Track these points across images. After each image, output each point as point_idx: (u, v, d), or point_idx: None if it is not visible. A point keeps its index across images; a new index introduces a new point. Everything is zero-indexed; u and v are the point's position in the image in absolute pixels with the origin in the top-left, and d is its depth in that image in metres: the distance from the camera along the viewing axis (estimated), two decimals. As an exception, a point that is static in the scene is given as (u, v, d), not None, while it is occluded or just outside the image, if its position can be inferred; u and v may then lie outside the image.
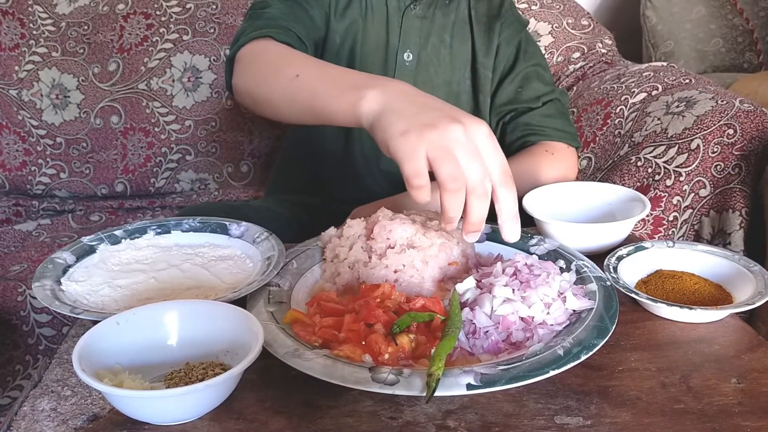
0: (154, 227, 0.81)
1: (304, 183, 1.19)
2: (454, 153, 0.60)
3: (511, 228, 0.64)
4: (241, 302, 0.64)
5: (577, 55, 1.60)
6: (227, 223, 0.81)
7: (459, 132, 0.61)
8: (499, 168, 0.62)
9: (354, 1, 1.10)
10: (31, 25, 1.49)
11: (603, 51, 1.62)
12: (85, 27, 1.51)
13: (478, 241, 0.81)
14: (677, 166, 1.10)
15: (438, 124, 0.61)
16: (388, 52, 1.11)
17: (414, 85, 1.15)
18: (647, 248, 0.76)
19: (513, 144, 1.11)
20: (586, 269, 0.71)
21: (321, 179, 1.17)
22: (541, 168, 1.03)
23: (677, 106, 1.18)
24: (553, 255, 0.75)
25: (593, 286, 0.68)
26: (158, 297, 0.68)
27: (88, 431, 0.53)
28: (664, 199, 1.10)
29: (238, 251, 0.78)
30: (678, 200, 1.09)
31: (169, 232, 0.81)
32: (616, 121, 1.30)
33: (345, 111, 0.69)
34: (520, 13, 1.21)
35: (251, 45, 0.90)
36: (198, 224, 0.82)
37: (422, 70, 1.11)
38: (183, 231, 0.81)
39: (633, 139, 1.22)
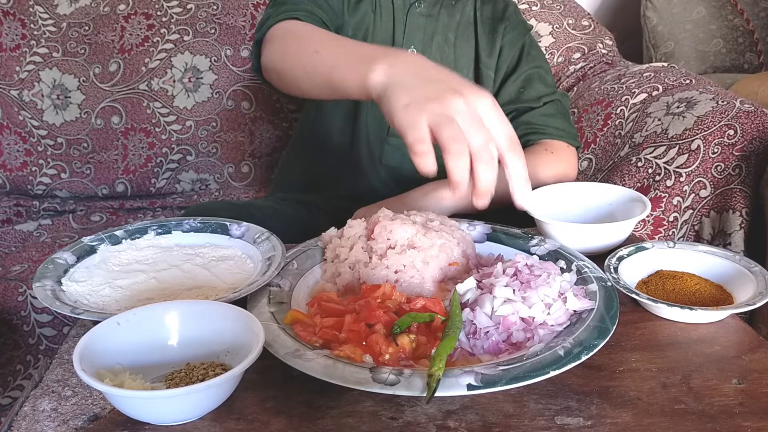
0: (155, 227, 0.81)
1: (308, 179, 1.20)
2: (455, 119, 0.61)
3: (521, 192, 0.65)
4: (242, 302, 0.64)
5: (577, 55, 1.60)
6: (228, 223, 0.81)
7: (459, 102, 0.62)
8: (505, 135, 0.64)
9: (365, 1, 1.12)
10: (32, 25, 1.49)
11: (603, 51, 1.62)
12: (86, 27, 1.51)
13: (478, 242, 0.81)
14: (678, 167, 1.10)
15: (439, 96, 0.63)
16: (394, 48, 1.12)
17: None
18: (648, 249, 0.76)
19: None
20: (586, 270, 0.71)
21: (325, 174, 1.18)
22: (540, 166, 1.03)
23: (678, 107, 1.18)
24: (554, 255, 0.75)
25: (594, 287, 0.68)
26: (159, 297, 0.68)
27: (88, 431, 0.53)
28: (664, 200, 1.10)
29: (239, 251, 0.78)
30: (678, 201, 1.09)
31: (169, 232, 0.81)
32: (617, 122, 1.30)
33: (357, 83, 0.71)
34: (524, 18, 1.22)
35: (279, 25, 0.92)
36: (199, 224, 0.82)
37: None
38: (184, 231, 0.81)
39: (633, 140, 1.22)
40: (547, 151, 1.07)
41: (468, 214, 0.96)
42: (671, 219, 1.09)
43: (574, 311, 0.65)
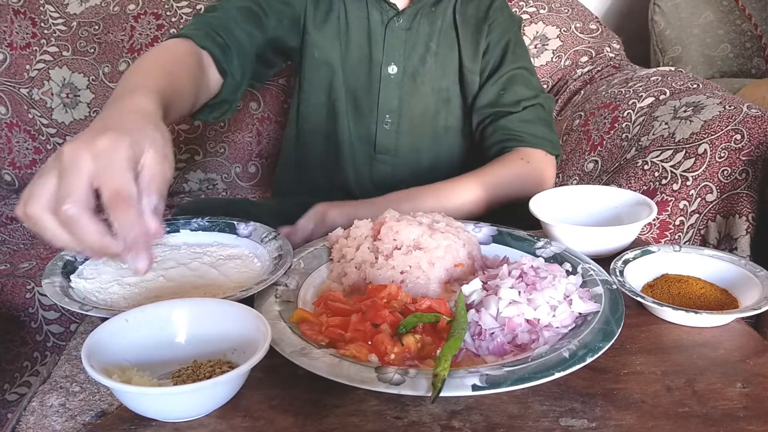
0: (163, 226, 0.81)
1: (303, 188, 1.19)
2: (44, 177, 0.53)
3: (139, 262, 0.53)
4: (248, 301, 0.64)
5: (585, 59, 1.60)
6: (235, 222, 0.82)
7: (52, 161, 0.54)
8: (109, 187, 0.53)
9: (332, 15, 1.09)
10: (42, 24, 1.50)
11: (611, 55, 1.62)
12: (96, 27, 1.52)
13: (483, 243, 0.81)
14: (684, 171, 1.10)
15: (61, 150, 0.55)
16: (372, 66, 1.10)
17: (400, 97, 1.11)
18: (653, 252, 0.76)
19: (491, 149, 1.09)
20: (592, 272, 0.71)
21: (316, 189, 1.16)
22: (513, 177, 1.01)
23: (685, 111, 1.18)
24: (560, 258, 0.76)
25: (599, 290, 0.68)
26: (167, 295, 0.69)
27: (96, 427, 0.54)
28: (670, 204, 1.10)
29: (246, 250, 0.79)
30: (685, 205, 1.09)
31: (178, 231, 0.81)
32: (624, 125, 1.30)
33: None
34: (514, 12, 1.18)
35: (165, 43, 0.88)
36: (207, 223, 0.82)
37: (408, 81, 1.10)
38: (192, 230, 0.82)
39: (640, 143, 1.22)
40: (522, 161, 1.04)
41: (473, 216, 0.97)
42: (677, 223, 1.09)
43: (580, 314, 0.65)
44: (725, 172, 1.07)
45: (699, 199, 1.08)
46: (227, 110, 0.97)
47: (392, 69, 1.10)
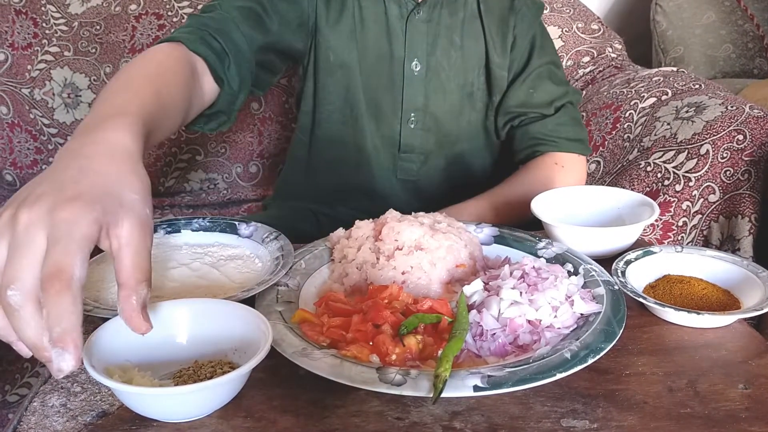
0: (164, 226, 0.81)
1: (312, 192, 1.15)
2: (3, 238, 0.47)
3: (67, 360, 0.46)
4: (249, 301, 0.64)
5: (586, 59, 1.60)
6: (236, 222, 0.82)
7: (22, 214, 0.47)
8: (48, 265, 0.46)
9: (346, 14, 1.03)
10: (44, 24, 1.50)
11: (613, 55, 1.61)
12: (98, 27, 1.52)
13: (485, 244, 0.81)
14: (687, 172, 1.10)
15: (9, 208, 0.49)
16: (394, 64, 1.05)
17: (426, 95, 1.06)
18: (655, 253, 0.76)
19: (521, 152, 1.09)
20: (593, 273, 0.71)
21: (333, 190, 1.13)
22: (552, 183, 1.01)
23: (687, 111, 1.18)
24: (561, 258, 0.76)
25: (601, 290, 0.68)
26: (168, 295, 0.69)
27: (97, 427, 0.54)
28: (673, 204, 1.09)
29: (248, 251, 0.79)
30: (687, 205, 1.09)
31: (179, 231, 0.81)
32: (626, 126, 1.29)
33: None
34: None
35: (154, 48, 0.81)
36: (208, 224, 0.82)
37: (433, 77, 1.06)
38: (193, 230, 0.82)
39: (642, 144, 1.22)
40: (557, 165, 1.04)
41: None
42: (680, 224, 1.09)
43: (581, 314, 0.65)
44: (728, 172, 1.07)
45: (702, 199, 1.08)
46: (225, 122, 0.90)
47: (416, 65, 1.04)
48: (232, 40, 0.88)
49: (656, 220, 1.09)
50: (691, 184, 1.09)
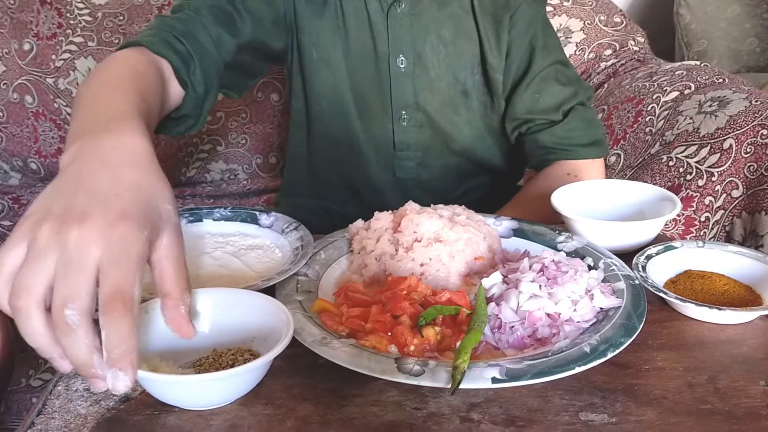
0: (186, 215, 0.82)
1: (316, 190, 1.14)
2: (46, 257, 0.46)
3: (123, 381, 0.46)
4: (269, 290, 0.65)
5: (608, 52, 1.59)
6: (257, 213, 0.83)
7: (69, 233, 0.46)
8: (108, 288, 0.46)
9: (327, 9, 0.99)
10: (68, 14, 1.52)
11: (635, 49, 1.60)
12: (121, 17, 1.53)
13: (504, 237, 0.81)
14: (709, 166, 1.09)
15: (56, 216, 0.47)
16: (378, 61, 1.00)
17: (415, 92, 1.02)
18: (677, 248, 0.75)
19: (532, 159, 1.05)
20: (614, 267, 0.71)
21: (339, 187, 1.11)
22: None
23: (710, 106, 1.17)
24: (581, 252, 0.75)
25: (621, 285, 0.68)
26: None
27: (119, 411, 0.54)
28: (696, 199, 1.08)
29: (268, 241, 0.79)
30: (710, 200, 1.08)
31: (200, 220, 0.82)
32: (648, 119, 1.28)
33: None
34: None
35: (120, 52, 0.78)
36: (229, 213, 0.83)
37: (421, 73, 1.01)
38: (214, 220, 0.82)
39: (664, 138, 1.21)
40: (570, 176, 0.99)
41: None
42: (703, 219, 1.08)
43: (601, 308, 0.65)
44: (751, 167, 1.05)
45: (724, 195, 1.07)
46: (192, 125, 0.87)
47: (401, 62, 1.00)
48: (198, 42, 0.85)
49: (678, 215, 1.08)
50: (713, 179, 1.07)
